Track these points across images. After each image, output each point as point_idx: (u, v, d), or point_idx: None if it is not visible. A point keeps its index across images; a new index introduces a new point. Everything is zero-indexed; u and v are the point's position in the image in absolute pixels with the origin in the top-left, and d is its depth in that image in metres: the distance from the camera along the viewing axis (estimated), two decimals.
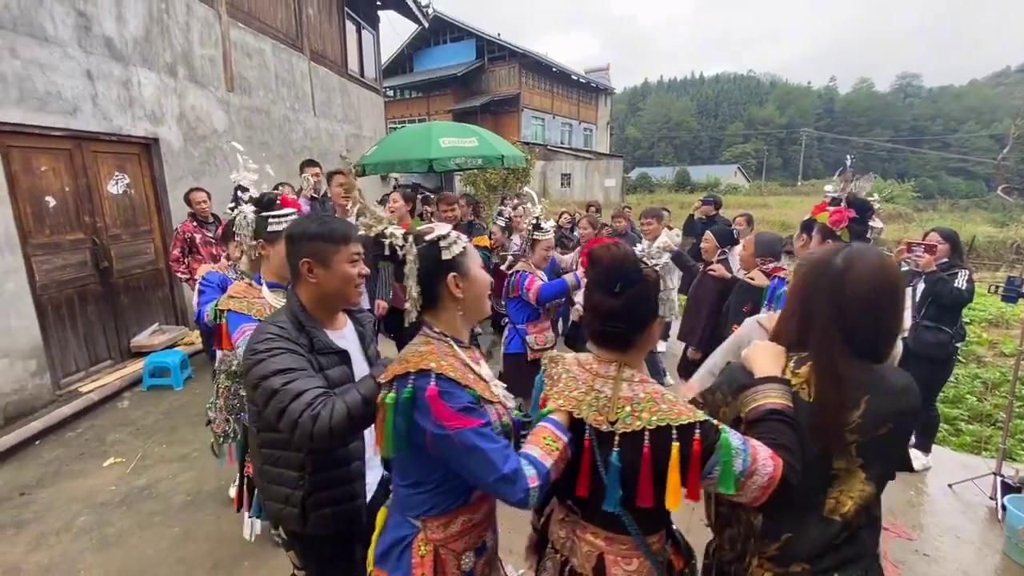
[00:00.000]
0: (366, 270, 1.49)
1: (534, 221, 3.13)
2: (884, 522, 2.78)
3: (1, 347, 3.76)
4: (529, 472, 1.04)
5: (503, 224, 5.61)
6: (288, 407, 1.20)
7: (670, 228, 4.80)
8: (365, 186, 8.94)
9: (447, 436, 1.04)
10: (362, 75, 10.42)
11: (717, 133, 76.58)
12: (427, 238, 1.17)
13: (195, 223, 4.50)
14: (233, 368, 2.32)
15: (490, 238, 5.08)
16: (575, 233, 5.68)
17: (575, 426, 1.13)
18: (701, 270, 3.70)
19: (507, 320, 3.28)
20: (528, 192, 3.44)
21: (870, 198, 2.15)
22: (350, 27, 9.83)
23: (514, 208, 5.77)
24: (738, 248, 3.52)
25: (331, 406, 1.20)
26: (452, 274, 1.18)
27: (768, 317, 1.89)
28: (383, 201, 4.31)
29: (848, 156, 2.27)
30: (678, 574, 1.21)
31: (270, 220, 1.81)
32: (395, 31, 36.05)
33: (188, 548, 2.66)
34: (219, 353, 2.37)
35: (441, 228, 1.20)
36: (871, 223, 2.10)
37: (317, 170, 4.71)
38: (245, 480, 1.95)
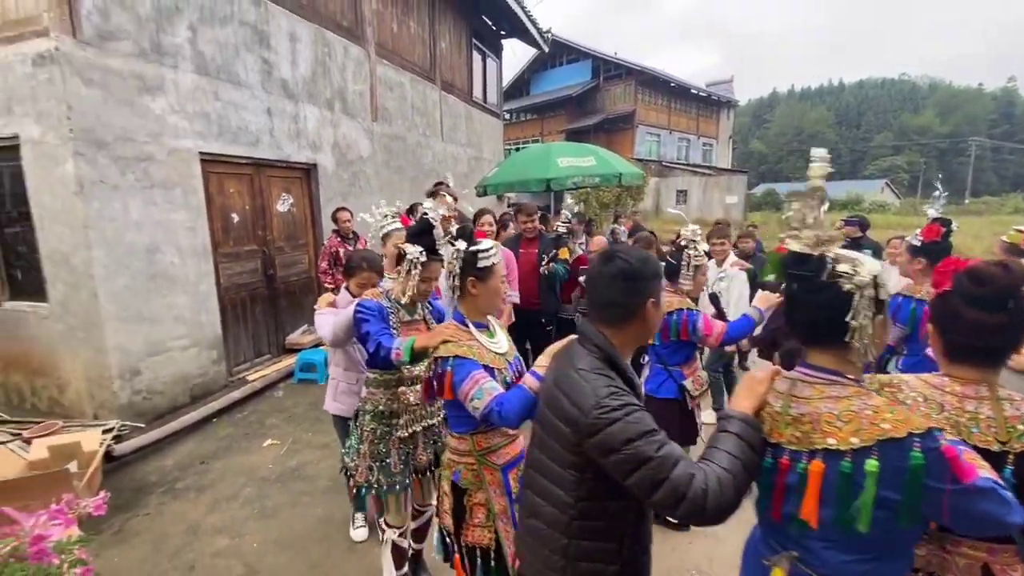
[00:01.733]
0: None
1: (691, 243, 2.67)
2: None
3: (193, 337, 4.54)
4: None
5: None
6: (670, 477, 1.04)
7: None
8: (484, 205, 9.42)
9: (965, 491, 0.93)
10: (484, 101, 11.05)
11: (860, 144, 68.47)
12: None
13: (339, 238, 5.12)
14: (380, 408, 2.19)
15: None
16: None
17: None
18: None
19: (648, 358, 2.93)
20: (678, 213, 3.11)
21: None
22: (476, 57, 10.51)
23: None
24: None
25: (715, 475, 1.04)
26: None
27: None
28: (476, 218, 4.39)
29: None
30: None
31: (479, 256, 1.68)
32: (515, 55, 37.67)
33: (329, 529, 2.97)
34: (365, 391, 2.26)
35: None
36: None
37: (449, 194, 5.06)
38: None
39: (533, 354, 4.23)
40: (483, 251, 1.67)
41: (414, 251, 1.95)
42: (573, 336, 1.43)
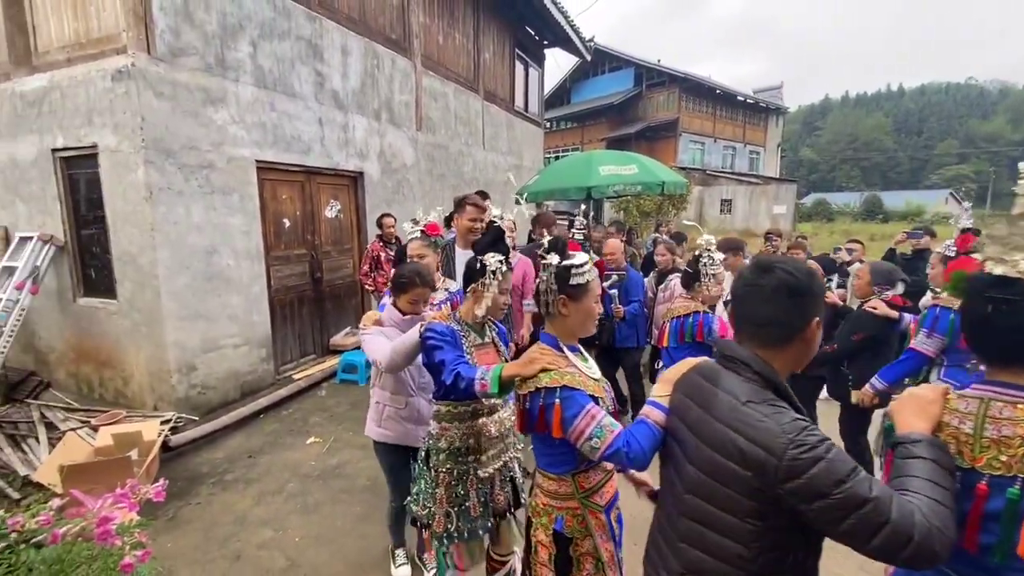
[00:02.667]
0: None
1: (704, 252, 2.76)
2: None
3: (245, 336, 4.76)
4: None
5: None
6: (891, 520, 0.91)
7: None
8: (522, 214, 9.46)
9: None
10: (526, 110, 11.14)
11: (921, 152, 64.79)
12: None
13: (381, 243, 5.29)
14: (456, 445, 1.92)
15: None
16: (745, 262, 5.29)
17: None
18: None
19: (662, 363, 2.99)
20: (694, 224, 3.30)
21: None
22: (519, 67, 10.62)
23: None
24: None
25: (931, 510, 0.94)
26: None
27: None
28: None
29: None
30: None
31: (573, 272, 1.50)
32: (557, 64, 37.81)
33: (367, 527, 3.03)
34: (435, 426, 1.96)
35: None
36: None
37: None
38: None
39: None
40: (577, 266, 1.49)
41: (494, 260, 1.80)
42: (693, 360, 1.34)
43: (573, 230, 4.46)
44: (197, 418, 4.22)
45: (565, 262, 1.51)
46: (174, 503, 3.28)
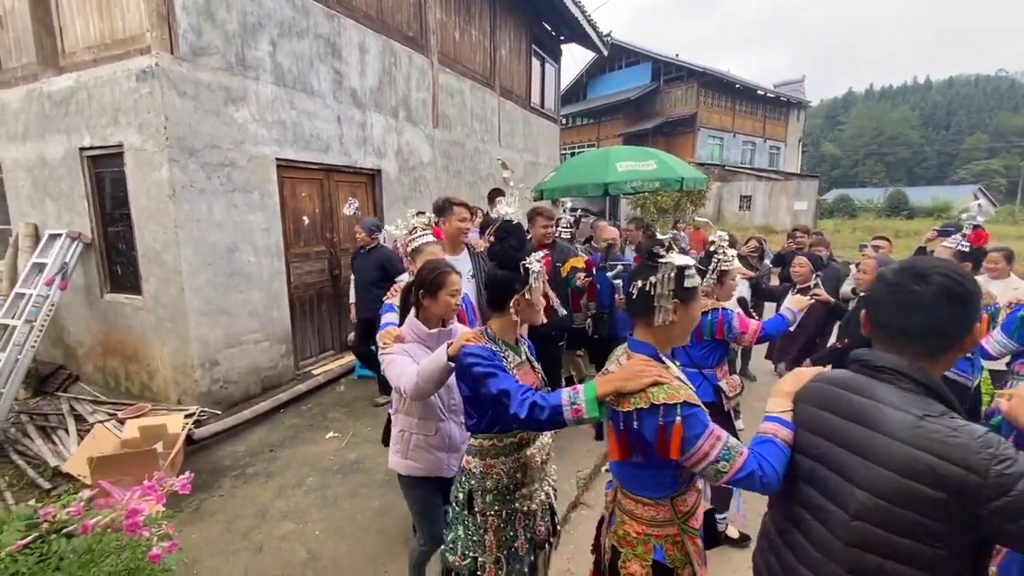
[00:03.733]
0: None
1: (719, 247, 2.72)
2: None
3: (265, 332, 4.83)
4: None
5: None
6: None
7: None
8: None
9: None
10: (542, 106, 11.09)
11: (949, 147, 62.87)
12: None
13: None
14: (504, 483, 1.70)
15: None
16: (765, 262, 5.20)
17: None
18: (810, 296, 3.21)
19: (678, 362, 3.00)
20: (706, 221, 3.33)
21: None
22: (535, 63, 10.57)
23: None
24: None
25: None
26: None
27: None
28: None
29: None
30: None
31: (686, 275, 1.37)
32: (573, 60, 37.53)
33: (385, 521, 3.06)
34: (477, 463, 1.70)
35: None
36: None
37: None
38: None
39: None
40: (688, 269, 1.38)
41: (536, 262, 1.66)
42: (807, 370, 1.31)
43: (560, 229, 4.32)
44: (220, 412, 4.30)
45: (679, 262, 1.36)
46: (198, 495, 3.35)
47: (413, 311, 2.00)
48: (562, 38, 11.36)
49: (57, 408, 4.32)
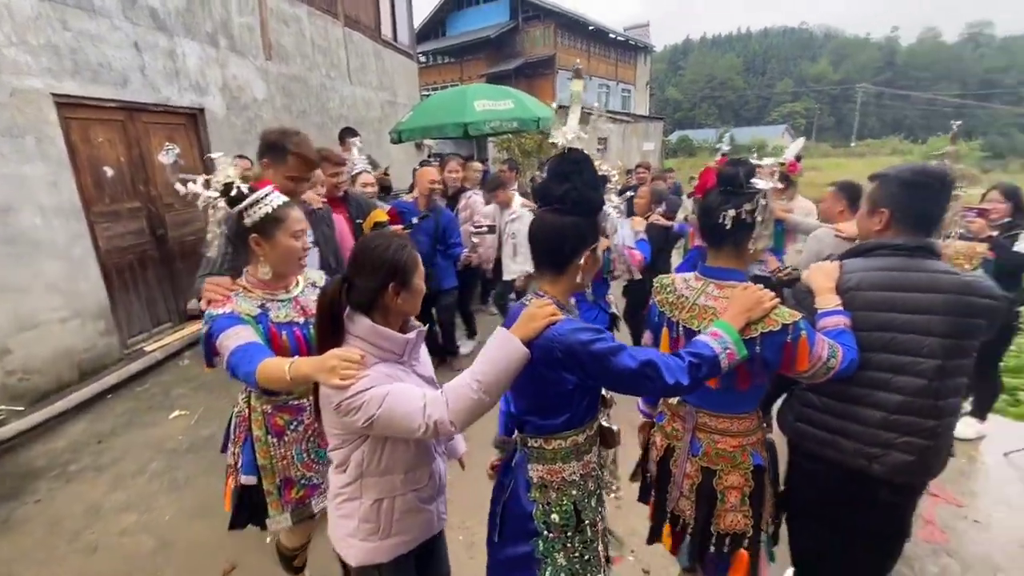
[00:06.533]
0: None
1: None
2: (933, 488, 2.73)
3: (73, 308, 4.06)
4: None
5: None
6: None
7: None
8: (399, 154, 8.99)
9: None
10: (395, 40, 10.32)
11: (765, 91, 72.33)
12: None
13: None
14: (586, 499, 1.40)
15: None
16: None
17: None
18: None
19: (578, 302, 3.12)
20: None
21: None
22: None
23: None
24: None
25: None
26: None
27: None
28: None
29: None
30: None
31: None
32: None
33: None
34: (576, 467, 1.38)
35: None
36: None
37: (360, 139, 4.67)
38: None
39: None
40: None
41: (613, 209, 1.73)
42: (827, 264, 1.59)
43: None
44: (23, 408, 3.59)
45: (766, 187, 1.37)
46: (6, 505, 2.82)
47: (360, 318, 1.31)
48: None
49: None
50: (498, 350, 1.21)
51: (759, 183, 1.35)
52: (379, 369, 1.27)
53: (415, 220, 3.52)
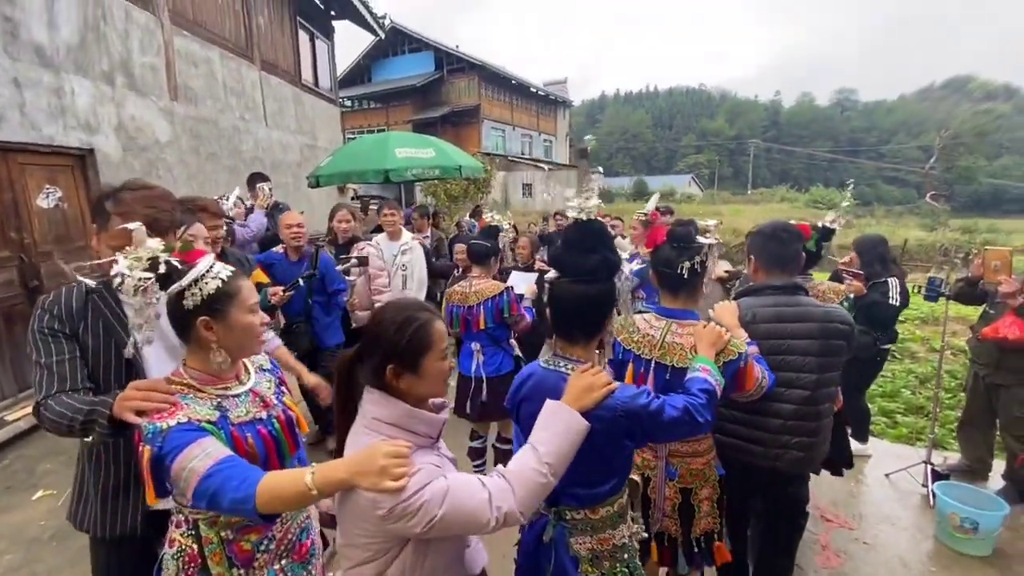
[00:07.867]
0: None
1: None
2: (828, 513, 2.94)
3: None
4: None
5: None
6: None
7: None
8: (320, 198, 8.77)
9: None
10: (316, 85, 10.25)
11: (672, 144, 79.40)
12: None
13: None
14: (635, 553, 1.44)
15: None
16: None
17: None
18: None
19: (482, 348, 2.97)
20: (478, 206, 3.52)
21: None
22: (303, 37, 9.68)
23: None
24: None
25: None
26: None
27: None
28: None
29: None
30: None
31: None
32: (352, 42, 35.68)
33: None
34: (616, 538, 1.39)
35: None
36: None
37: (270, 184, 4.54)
38: None
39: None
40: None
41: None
42: (729, 304, 1.84)
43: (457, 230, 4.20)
44: None
45: (709, 242, 1.69)
46: None
47: (383, 402, 1.14)
48: (332, 13, 10.63)
49: None
50: (560, 426, 1.13)
51: (703, 239, 1.68)
52: (425, 459, 1.08)
53: (300, 281, 3.12)
